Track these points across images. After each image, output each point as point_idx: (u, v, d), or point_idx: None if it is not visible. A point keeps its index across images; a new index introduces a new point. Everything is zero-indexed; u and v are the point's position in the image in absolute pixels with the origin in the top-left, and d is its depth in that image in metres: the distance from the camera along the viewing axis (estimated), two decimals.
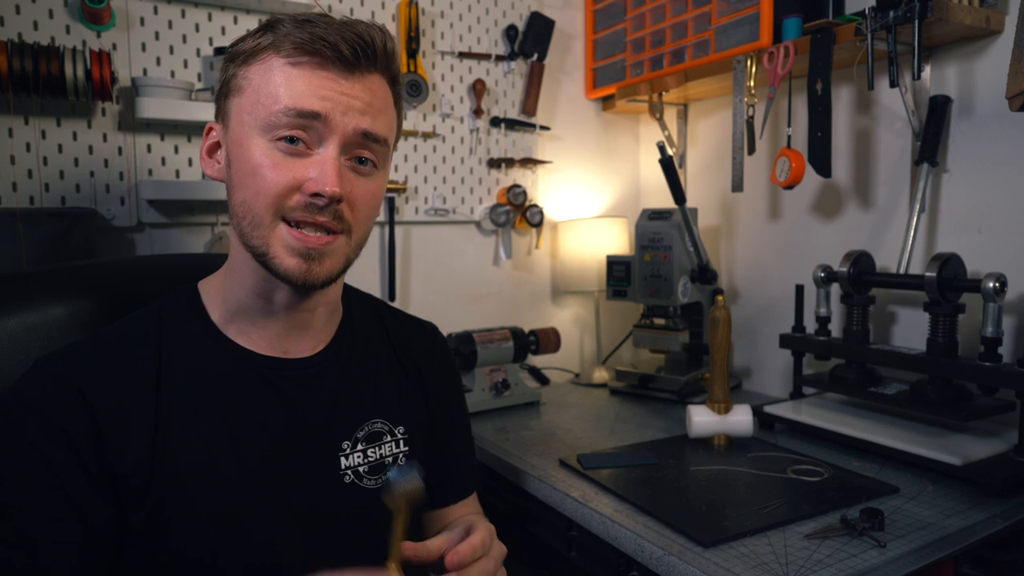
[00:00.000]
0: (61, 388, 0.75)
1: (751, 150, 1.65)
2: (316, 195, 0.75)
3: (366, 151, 0.80)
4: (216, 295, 0.86)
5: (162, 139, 1.56)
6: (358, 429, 0.89)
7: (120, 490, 0.75)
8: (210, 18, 1.60)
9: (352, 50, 0.76)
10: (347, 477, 0.86)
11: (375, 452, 0.90)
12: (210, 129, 0.84)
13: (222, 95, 0.81)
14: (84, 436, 0.73)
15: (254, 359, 0.84)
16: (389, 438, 0.92)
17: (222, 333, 0.84)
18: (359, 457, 0.88)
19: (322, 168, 0.75)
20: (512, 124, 2.00)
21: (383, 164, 0.83)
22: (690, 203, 1.91)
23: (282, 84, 0.75)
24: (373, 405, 0.91)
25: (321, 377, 0.88)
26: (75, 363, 0.77)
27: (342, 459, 0.87)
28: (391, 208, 1.84)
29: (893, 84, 1.37)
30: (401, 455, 0.92)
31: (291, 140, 0.76)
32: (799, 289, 1.58)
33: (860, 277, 1.45)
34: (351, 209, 0.79)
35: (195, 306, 0.85)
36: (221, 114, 0.82)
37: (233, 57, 0.79)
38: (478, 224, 2.01)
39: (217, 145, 0.83)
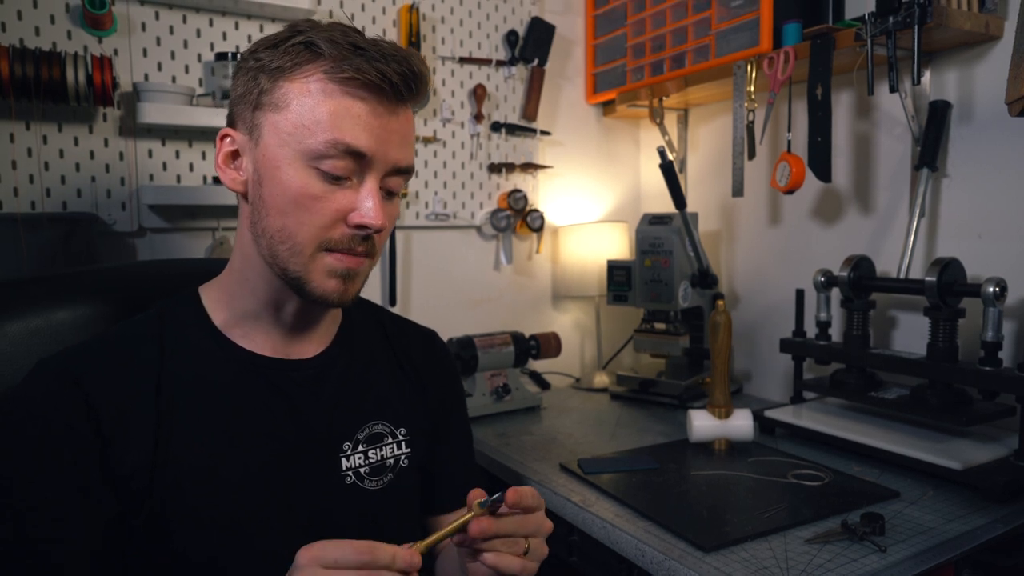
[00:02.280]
0: (65, 389, 0.75)
1: (751, 155, 1.65)
2: (361, 227, 0.77)
3: (395, 184, 0.81)
4: (220, 300, 0.86)
5: (163, 144, 1.56)
6: (359, 430, 0.89)
7: (121, 492, 0.75)
8: (211, 23, 1.60)
9: (406, 85, 0.76)
10: (348, 478, 0.86)
11: (376, 453, 0.90)
12: (226, 135, 0.80)
13: (248, 104, 0.77)
14: (88, 437, 0.74)
15: (258, 361, 0.84)
16: (390, 439, 0.92)
17: (226, 337, 0.84)
18: (360, 458, 0.88)
19: (366, 201, 0.76)
20: (513, 129, 2.00)
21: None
22: (690, 208, 1.91)
23: (330, 113, 0.74)
24: (374, 407, 0.92)
25: (322, 380, 0.88)
26: (78, 364, 0.77)
27: (343, 460, 0.87)
28: None
29: (893, 89, 1.37)
30: (403, 457, 0.92)
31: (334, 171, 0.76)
32: (799, 294, 1.58)
33: (860, 282, 1.45)
34: (379, 234, 0.80)
35: (197, 311, 0.85)
36: (245, 124, 0.78)
37: (263, 68, 0.76)
38: (479, 229, 2.01)
39: (236, 153, 0.80)
